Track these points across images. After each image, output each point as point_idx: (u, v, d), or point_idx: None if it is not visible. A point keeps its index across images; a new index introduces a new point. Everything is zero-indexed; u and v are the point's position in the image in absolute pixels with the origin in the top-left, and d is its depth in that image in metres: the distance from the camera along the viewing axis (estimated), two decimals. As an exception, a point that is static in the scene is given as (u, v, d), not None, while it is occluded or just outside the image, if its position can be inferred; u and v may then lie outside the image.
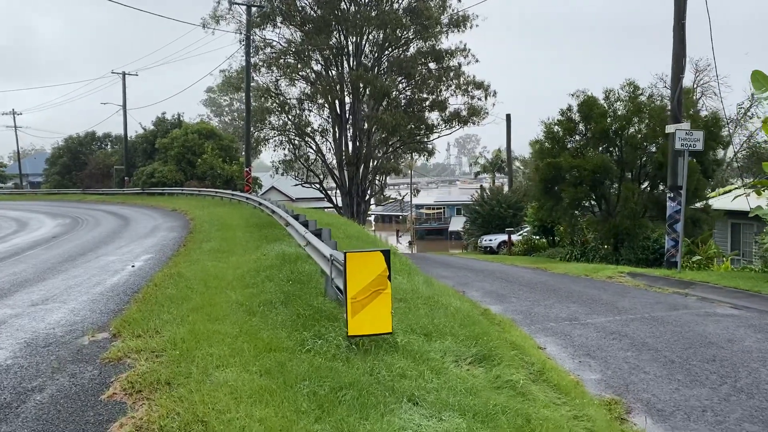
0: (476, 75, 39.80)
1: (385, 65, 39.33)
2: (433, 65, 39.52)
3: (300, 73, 38.96)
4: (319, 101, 39.44)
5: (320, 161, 42.03)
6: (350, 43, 38.20)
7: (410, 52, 39.31)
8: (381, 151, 40.82)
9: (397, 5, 37.98)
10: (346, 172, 39.13)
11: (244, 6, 32.88)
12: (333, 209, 42.33)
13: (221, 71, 53.04)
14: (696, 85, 38.44)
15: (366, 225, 41.93)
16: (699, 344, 8.40)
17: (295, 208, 21.16)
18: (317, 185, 42.93)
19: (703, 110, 31.91)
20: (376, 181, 42.72)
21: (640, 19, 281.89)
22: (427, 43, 38.88)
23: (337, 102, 38.27)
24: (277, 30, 38.82)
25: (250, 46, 33.00)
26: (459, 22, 38.44)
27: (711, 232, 21.83)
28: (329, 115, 39.76)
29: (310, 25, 36.94)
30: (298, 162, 41.90)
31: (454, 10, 38.81)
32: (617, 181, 22.72)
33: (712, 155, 22.32)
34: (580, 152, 23.16)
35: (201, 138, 45.44)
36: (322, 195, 44.05)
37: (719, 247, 21.88)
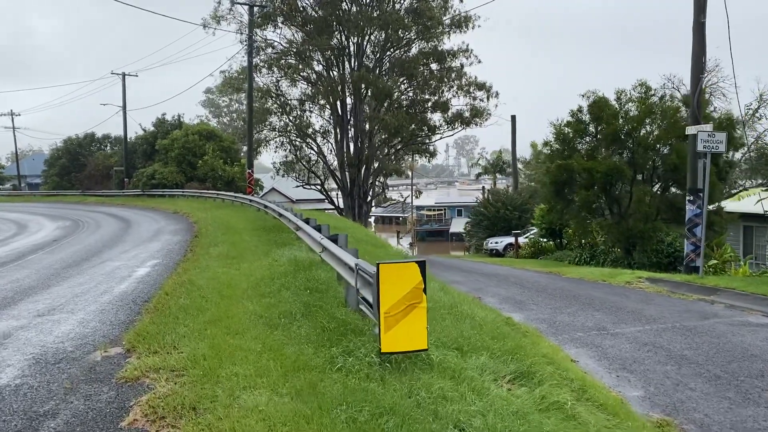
0: (478, 76, 39.46)
1: (386, 66, 38.98)
2: (435, 66, 39.22)
3: (301, 74, 38.61)
4: (321, 102, 39.09)
5: (321, 162, 41.65)
6: (351, 43, 37.86)
7: (412, 53, 38.97)
8: (383, 152, 40.45)
9: (398, 6, 37.64)
10: (347, 173, 38.75)
11: (245, 6, 32.46)
12: (334, 210, 41.96)
13: (221, 72, 52.53)
14: (704, 86, 37.99)
15: (367, 226, 41.52)
16: (741, 357, 8.01)
17: (297, 210, 20.74)
18: (318, 187, 42.56)
19: (713, 111, 31.48)
20: (377, 183, 42.35)
21: (644, 20, 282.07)
22: (429, 43, 38.56)
23: (338, 103, 37.91)
24: (278, 30, 38.51)
25: (252, 46, 32.56)
26: (461, 23, 38.09)
27: (725, 236, 21.46)
28: (330, 116, 39.40)
29: (311, 25, 36.58)
30: (300, 163, 41.53)
31: (456, 11, 38.51)
32: (629, 184, 22.33)
33: (725, 157, 21.94)
34: (591, 154, 22.77)
35: (202, 139, 44.92)
36: (323, 196, 43.69)
37: (734, 250, 21.50)
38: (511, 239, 33.45)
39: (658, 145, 21.91)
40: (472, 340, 7.25)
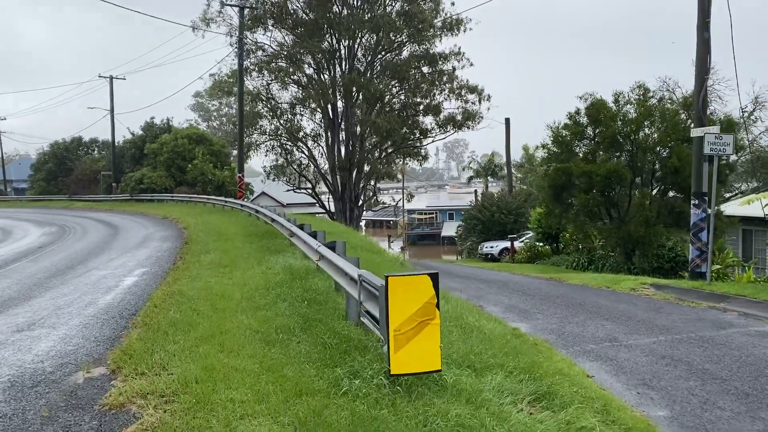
0: (470, 79, 39.14)
1: (378, 69, 38.57)
2: (426, 69, 38.88)
3: (292, 77, 38.09)
4: (312, 105, 38.60)
5: (312, 166, 41.14)
6: (342, 46, 37.43)
7: (403, 56, 38.64)
8: (374, 156, 39.98)
9: (390, 8, 37.24)
10: (338, 177, 38.27)
11: (235, 8, 31.86)
12: (325, 215, 41.44)
13: (211, 75, 51.89)
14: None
15: (358, 231, 40.99)
16: None
17: (290, 215, 20.18)
18: (309, 191, 42.06)
19: (711, 114, 31.30)
20: (369, 186, 41.86)
21: (642, 23, 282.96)
22: (421, 46, 38.21)
23: (329, 106, 37.45)
24: (269, 33, 38.02)
25: (242, 48, 31.98)
26: (453, 26, 37.81)
27: (725, 240, 21.10)
28: (322, 120, 38.93)
29: (302, 28, 36.12)
30: (290, 167, 40.99)
31: (448, 14, 38.17)
32: (628, 187, 21.94)
33: (723, 160, 21.58)
34: (589, 157, 22.36)
35: (191, 143, 44.28)
36: (314, 200, 43.20)
37: (736, 254, 21.13)
38: (506, 243, 33.00)
39: (657, 148, 21.53)
40: (483, 357, 6.76)
